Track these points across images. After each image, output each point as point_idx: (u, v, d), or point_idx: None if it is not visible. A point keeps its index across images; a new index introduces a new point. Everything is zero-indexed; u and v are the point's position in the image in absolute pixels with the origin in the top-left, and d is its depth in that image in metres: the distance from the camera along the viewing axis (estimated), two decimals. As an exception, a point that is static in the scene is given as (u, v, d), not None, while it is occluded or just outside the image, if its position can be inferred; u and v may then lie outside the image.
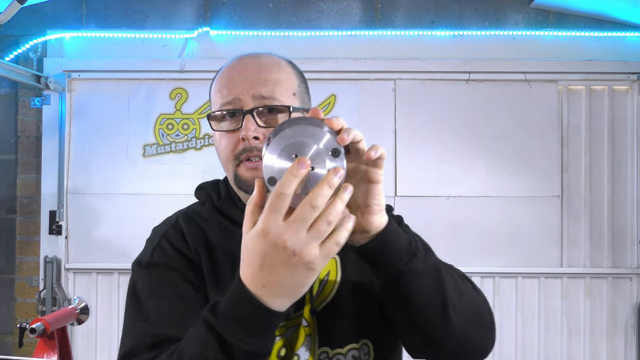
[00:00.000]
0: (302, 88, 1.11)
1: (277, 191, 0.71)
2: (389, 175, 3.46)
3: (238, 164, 1.05)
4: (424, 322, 0.93)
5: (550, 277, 3.50)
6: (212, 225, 1.09)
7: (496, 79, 3.51)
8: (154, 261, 1.06)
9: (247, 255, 0.75)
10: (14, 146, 3.64)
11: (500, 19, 3.60)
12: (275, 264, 0.72)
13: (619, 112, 3.54)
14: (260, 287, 0.75)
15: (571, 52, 3.51)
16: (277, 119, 1.03)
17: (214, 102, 1.09)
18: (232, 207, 1.10)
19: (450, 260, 1.03)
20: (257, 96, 1.04)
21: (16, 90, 3.63)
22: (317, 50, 3.50)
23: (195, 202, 1.19)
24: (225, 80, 1.07)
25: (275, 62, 1.10)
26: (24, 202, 3.62)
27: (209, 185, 1.18)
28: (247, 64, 1.08)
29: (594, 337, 3.51)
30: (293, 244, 0.71)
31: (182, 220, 1.11)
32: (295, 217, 0.71)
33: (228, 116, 1.05)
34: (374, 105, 3.48)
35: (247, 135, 1.02)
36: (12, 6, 2.75)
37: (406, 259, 0.88)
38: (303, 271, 0.73)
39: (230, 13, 3.59)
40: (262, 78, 1.05)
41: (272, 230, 0.71)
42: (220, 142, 1.08)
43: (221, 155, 1.08)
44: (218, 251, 1.06)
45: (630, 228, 3.52)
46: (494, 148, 3.50)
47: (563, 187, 3.51)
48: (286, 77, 1.08)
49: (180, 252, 1.06)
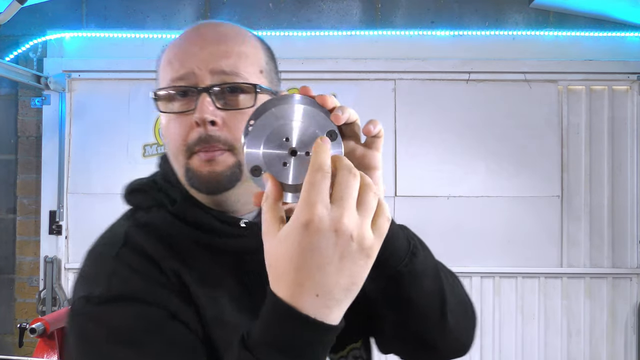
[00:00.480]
0: (271, 66, 0.92)
1: (316, 166, 0.59)
2: (389, 175, 3.46)
3: (190, 155, 0.85)
4: (421, 325, 0.86)
5: (550, 277, 3.50)
6: (179, 238, 0.86)
7: (496, 79, 3.51)
8: (117, 293, 0.77)
9: (285, 261, 0.59)
10: (14, 146, 3.64)
11: (500, 19, 3.60)
12: (332, 260, 0.58)
13: (619, 112, 3.54)
14: (313, 297, 0.59)
15: (571, 52, 3.51)
16: (240, 101, 0.85)
17: (162, 77, 0.89)
18: (197, 211, 0.88)
19: (450, 260, 1.03)
20: (216, 71, 0.84)
21: (16, 90, 3.63)
22: (317, 50, 3.50)
23: (129, 211, 0.93)
24: (177, 50, 0.87)
25: (240, 33, 0.90)
26: (24, 202, 3.62)
27: (147, 184, 0.93)
28: (205, 32, 0.88)
29: (594, 337, 3.51)
30: (349, 227, 0.58)
31: (137, 236, 0.85)
32: (340, 193, 0.59)
33: (179, 95, 0.86)
34: (374, 105, 3.48)
35: (203, 119, 0.83)
36: (12, 6, 2.76)
37: (406, 259, 0.81)
38: (362, 261, 0.60)
39: (230, 13, 3.59)
40: (223, 49, 0.86)
41: (324, 215, 0.58)
42: (168, 128, 0.88)
43: (169, 144, 0.88)
44: (203, 275, 0.83)
45: (630, 228, 3.52)
46: (494, 148, 3.50)
47: (563, 187, 3.51)
48: (252, 51, 0.89)
49: (152, 278, 0.80)
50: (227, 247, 0.86)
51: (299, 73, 3.34)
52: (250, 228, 0.87)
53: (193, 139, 0.84)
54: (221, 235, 0.87)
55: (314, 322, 0.60)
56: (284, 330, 0.60)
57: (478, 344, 3.46)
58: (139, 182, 0.95)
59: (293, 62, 3.38)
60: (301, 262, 0.58)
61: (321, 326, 0.60)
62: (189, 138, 0.85)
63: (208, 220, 0.87)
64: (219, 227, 0.87)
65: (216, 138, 0.84)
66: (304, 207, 0.58)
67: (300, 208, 0.59)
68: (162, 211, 0.89)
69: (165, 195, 0.90)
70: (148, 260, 0.82)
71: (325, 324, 0.60)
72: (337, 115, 0.65)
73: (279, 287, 0.61)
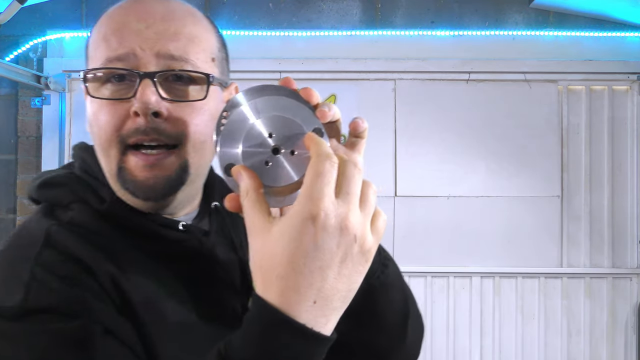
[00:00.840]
0: (223, 54, 0.82)
1: (323, 155, 0.52)
2: (389, 175, 3.46)
3: (125, 150, 0.73)
4: (382, 339, 0.77)
5: (550, 277, 3.49)
6: (112, 240, 0.73)
7: (496, 79, 3.50)
8: (36, 305, 0.63)
9: (282, 262, 0.51)
10: (14, 146, 3.64)
11: (500, 19, 3.59)
12: (334, 261, 0.51)
13: (619, 112, 3.54)
14: (310, 305, 0.51)
15: (571, 52, 3.51)
16: (189, 92, 0.74)
17: (94, 55, 0.77)
18: (131, 214, 0.76)
19: (450, 260, 1.02)
20: (163, 54, 0.73)
21: (16, 90, 3.63)
22: (317, 50, 3.49)
23: (44, 208, 0.77)
24: (116, 25, 0.74)
25: (191, 12, 0.79)
26: (24, 202, 3.62)
27: (64, 177, 0.79)
28: (152, 5, 0.75)
29: (594, 337, 3.51)
30: (354, 226, 0.51)
31: (61, 235, 0.70)
32: (347, 187, 0.52)
33: (115, 79, 0.73)
34: (374, 106, 3.48)
35: (145, 109, 0.70)
36: (12, 6, 2.76)
37: (379, 272, 0.73)
38: (361, 266, 0.53)
39: (230, 13, 3.59)
40: (172, 30, 0.74)
41: (331, 210, 0.50)
42: (97, 117, 0.75)
43: (98, 135, 0.75)
44: (142, 281, 0.72)
45: (630, 228, 3.52)
46: (494, 148, 3.50)
47: (563, 187, 3.51)
48: (205, 35, 0.78)
49: (81, 285, 0.66)
50: (166, 252, 0.77)
51: (299, 73, 3.34)
52: (189, 231, 0.80)
53: (129, 129, 0.72)
54: (159, 239, 0.77)
55: (311, 333, 0.52)
56: (275, 341, 0.51)
57: (478, 344, 3.46)
58: (52, 175, 0.80)
59: (293, 62, 3.38)
60: (302, 264, 0.50)
61: (318, 338, 0.52)
62: (123, 128, 0.72)
63: (144, 224, 0.76)
64: (156, 230, 0.77)
65: (160, 131, 0.72)
66: (309, 199, 0.50)
67: (304, 200, 0.51)
68: (87, 208, 0.75)
69: (91, 190, 0.77)
70: (76, 264, 0.68)
71: (322, 335, 0.52)
72: (324, 111, 0.58)
73: (269, 292, 0.52)
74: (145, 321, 0.69)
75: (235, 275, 0.82)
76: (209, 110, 0.76)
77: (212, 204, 0.87)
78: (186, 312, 0.74)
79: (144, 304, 0.70)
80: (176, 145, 0.74)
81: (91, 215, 0.75)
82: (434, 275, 3.39)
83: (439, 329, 3.43)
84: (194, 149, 0.75)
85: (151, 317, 0.70)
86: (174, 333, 0.71)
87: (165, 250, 0.77)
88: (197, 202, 0.86)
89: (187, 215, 0.83)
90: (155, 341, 0.69)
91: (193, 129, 0.74)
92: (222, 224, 0.86)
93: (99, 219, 0.75)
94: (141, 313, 0.69)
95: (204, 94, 0.75)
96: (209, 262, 0.80)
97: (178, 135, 0.74)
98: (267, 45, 3.41)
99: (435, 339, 3.43)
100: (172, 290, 0.74)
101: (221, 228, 0.86)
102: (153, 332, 0.69)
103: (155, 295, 0.72)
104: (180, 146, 0.74)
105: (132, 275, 0.71)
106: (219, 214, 0.87)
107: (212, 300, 0.78)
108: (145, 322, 0.69)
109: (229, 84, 0.81)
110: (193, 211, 0.84)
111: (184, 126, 0.74)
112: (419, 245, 3.39)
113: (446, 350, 3.45)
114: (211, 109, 0.77)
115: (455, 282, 3.42)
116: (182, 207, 0.82)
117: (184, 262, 0.78)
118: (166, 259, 0.76)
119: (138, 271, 0.72)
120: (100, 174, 0.78)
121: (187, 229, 0.79)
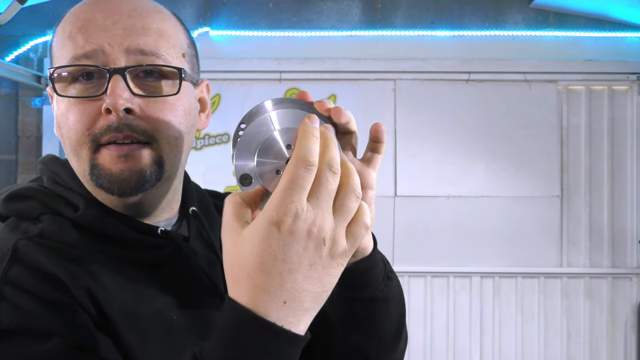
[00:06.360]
0: (193, 52, 0.81)
1: (299, 159, 0.52)
2: (389, 175, 3.46)
3: (97, 148, 0.71)
4: (377, 348, 0.77)
5: (550, 277, 3.50)
6: (85, 251, 0.71)
7: (496, 79, 3.51)
8: (7, 327, 0.62)
9: (250, 264, 0.53)
10: (15, 146, 3.64)
11: (500, 19, 3.60)
12: (302, 264, 0.53)
13: (618, 112, 3.54)
14: (280, 305, 0.53)
15: (571, 52, 3.51)
16: (161, 88, 0.73)
17: (60, 54, 0.73)
18: (107, 219, 0.74)
19: (450, 260, 1.02)
20: (132, 50, 0.71)
21: (16, 90, 3.63)
22: (317, 50, 3.50)
23: (11, 222, 0.75)
24: (81, 23, 0.72)
25: (158, 9, 0.77)
26: (24, 202, 3.63)
27: (32, 189, 0.76)
28: (116, 2, 0.74)
29: (593, 337, 3.51)
30: (322, 231, 0.53)
31: (30, 250, 0.68)
32: (317, 192, 0.53)
33: (83, 77, 0.71)
34: (374, 105, 3.48)
35: (116, 106, 0.69)
36: (13, 6, 2.75)
37: (382, 284, 0.72)
38: (332, 268, 0.54)
39: (231, 13, 3.59)
40: (140, 25, 0.72)
41: (301, 214, 0.52)
42: (66, 116, 0.72)
43: (68, 136, 0.73)
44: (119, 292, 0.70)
45: (630, 228, 3.52)
46: (493, 148, 3.50)
47: (563, 187, 3.51)
48: (174, 31, 0.77)
49: (53, 302, 0.64)
50: (145, 259, 0.76)
51: (299, 73, 3.34)
52: (168, 237, 0.78)
53: (101, 127, 0.70)
54: (137, 245, 0.75)
55: (282, 331, 0.53)
56: (246, 341, 0.52)
57: (478, 344, 3.46)
58: (20, 187, 0.77)
59: (293, 62, 3.38)
60: (271, 265, 0.52)
61: (289, 336, 0.53)
62: (94, 127, 0.70)
63: (121, 229, 0.74)
64: (134, 236, 0.75)
65: (132, 127, 0.71)
66: (278, 204, 0.52)
67: (273, 205, 0.52)
68: (59, 219, 0.73)
69: (62, 200, 0.74)
70: (47, 279, 0.66)
71: (292, 333, 0.53)
72: (339, 109, 0.60)
73: (239, 292, 0.53)
74: (124, 332, 0.68)
75: (217, 279, 0.80)
76: (182, 105, 0.76)
77: (189, 209, 0.86)
78: (166, 319, 0.73)
79: (122, 314, 0.69)
80: (149, 142, 0.74)
81: (64, 225, 0.72)
82: (434, 275, 3.40)
83: (439, 329, 3.43)
84: (169, 144, 0.75)
85: (130, 327, 0.69)
86: (153, 342, 0.70)
87: (143, 257, 0.76)
88: (176, 209, 0.85)
89: (167, 221, 0.82)
90: (135, 351, 0.68)
91: (166, 125, 0.74)
92: (200, 229, 0.85)
93: (73, 228, 0.72)
94: (120, 323, 0.68)
95: (177, 89, 0.74)
96: (189, 268, 0.79)
97: (152, 132, 0.73)
98: (267, 46, 3.41)
99: (435, 338, 3.43)
100: (150, 298, 0.73)
101: (200, 233, 0.85)
102: (132, 342, 0.68)
103: (134, 304, 0.71)
104: (154, 142, 0.74)
105: (108, 285, 0.70)
106: (196, 218, 0.86)
107: (193, 306, 0.77)
108: (124, 332, 0.68)
109: (200, 81, 0.82)
110: (172, 217, 0.84)
111: (157, 122, 0.73)
112: (419, 245, 3.39)
113: (446, 350, 3.45)
114: (184, 104, 0.76)
115: (455, 282, 3.42)
116: (160, 211, 0.81)
117: (163, 268, 0.77)
118: (145, 266, 0.75)
119: (115, 281, 0.70)
120: (72, 182, 0.76)
121: (166, 235, 0.78)
